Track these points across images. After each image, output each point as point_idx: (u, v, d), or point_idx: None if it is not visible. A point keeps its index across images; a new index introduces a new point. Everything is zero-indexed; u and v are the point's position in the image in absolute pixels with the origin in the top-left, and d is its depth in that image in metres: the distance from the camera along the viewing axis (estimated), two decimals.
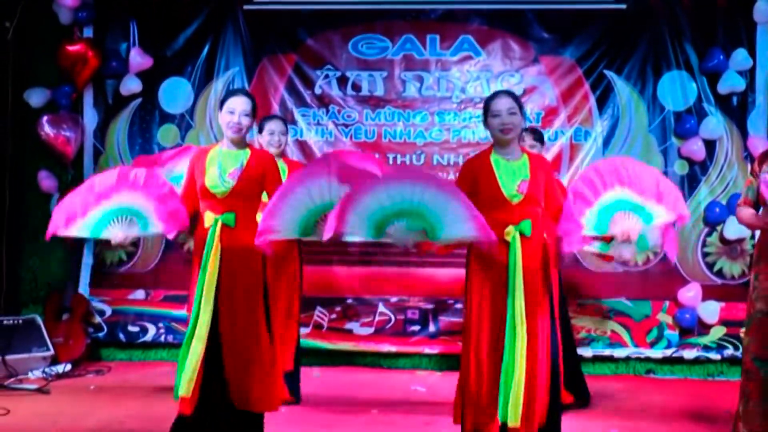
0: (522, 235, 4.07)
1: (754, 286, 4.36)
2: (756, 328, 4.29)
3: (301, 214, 4.06)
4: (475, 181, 4.14)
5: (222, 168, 4.40)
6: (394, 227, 3.89)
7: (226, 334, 4.33)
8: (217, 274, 4.32)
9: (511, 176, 4.12)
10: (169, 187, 4.44)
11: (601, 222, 4.25)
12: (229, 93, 4.55)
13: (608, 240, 4.29)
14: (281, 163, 5.84)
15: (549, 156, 6.83)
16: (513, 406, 3.95)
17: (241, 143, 4.49)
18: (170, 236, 4.66)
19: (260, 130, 5.89)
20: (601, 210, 4.25)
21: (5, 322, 6.67)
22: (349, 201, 3.86)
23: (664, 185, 4.32)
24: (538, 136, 5.53)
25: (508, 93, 4.28)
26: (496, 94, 4.27)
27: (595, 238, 4.34)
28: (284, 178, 5.79)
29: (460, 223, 3.84)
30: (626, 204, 4.25)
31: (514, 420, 3.95)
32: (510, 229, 4.06)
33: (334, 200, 3.99)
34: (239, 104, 4.43)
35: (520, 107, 4.22)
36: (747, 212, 4.45)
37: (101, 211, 4.29)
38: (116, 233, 4.29)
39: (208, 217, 4.38)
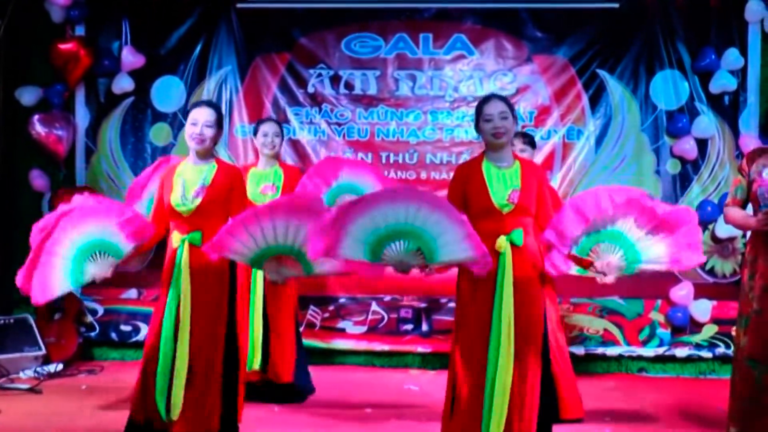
0: (513, 245, 4.04)
1: (749, 285, 4.33)
2: (752, 327, 4.28)
3: (258, 247, 4.01)
4: (466, 189, 4.11)
5: (186, 185, 4.34)
6: (391, 250, 3.83)
7: (182, 355, 4.28)
8: (188, 294, 4.29)
9: (503, 185, 4.08)
10: (131, 210, 4.37)
11: (587, 245, 4.00)
12: (193, 104, 4.51)
13: (586, 266, 4.14)
14: (276, 168, 5.84)
15: (542, 155, 6.84)
16: (496, 419, 3.94)
17: (206, 155, 4.43)
18: (144, 248, 4.48)
19: (255, 133, 5.89)
20: (591, 235, 3.99)
21: None
22: (343, 223, 3.78)
23: (669, 223, 4.01)
24: (528, 140, 5.50)
25: (500, 97, 4.24)
26: (487, 98, 4.23)
27: (572, 258, 4.21)
28: (278, 183, 5.80)
29: (455, 243, 3.78)
30: (619, 237, 4.00)
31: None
32: (501, 240, 4.02)
33: (293, 246, 3.98)
34: (202, 115, 4.39)
35: (512, 111, 4.19)
36: (738, 213, 4.43)
37: (69, 258, 4.14)
38: (98, 272, 4.18)
39: (175, 237, 4.35)
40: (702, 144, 6.86)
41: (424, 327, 7.00)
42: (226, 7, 7.18)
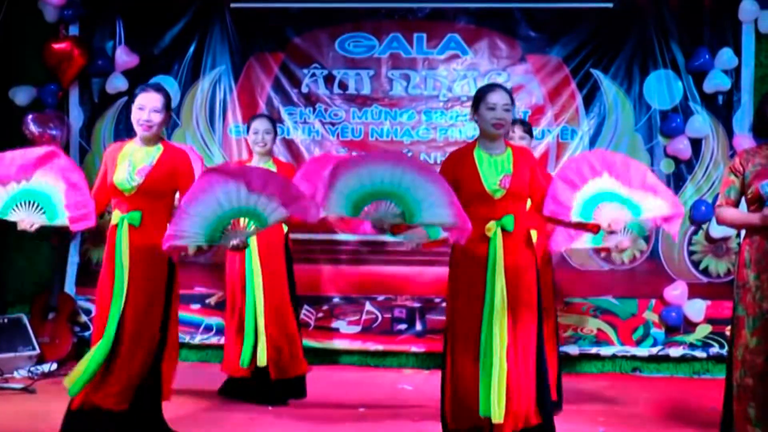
0: (504, 230, 4.06)
1: (756, 285, 4.24)
2: (764, 327, 4.20)
3: (207, 222, 3.98)
4: (457, 175, 4.11)
5: (132, 165, 4.31)
6: (372, 207, 3.90)
7: (126, 335, 4.30)
8: (127, 273, 4.28)
9: (494, 171, 4.10)
10: (79, 175, 4.33)
11: (586, 210, 4.09)
12: (140, 89, 4.41)
13: (595, 230, 4.20)
14: (270, 164, 5.80)
15: (535, 154, 6.82)
16: (496, 402, 3.93)
17: (153, 140, 4.39)
18: (73, 229, 4.45)
19: (248, 130, 5.87)
20: (587, 200, 4.09)
21: None
22: (331, 178, 3.85)
23: (652, 180, 4.19)
24: (527, 128, 5.49)
25: (505, 89, 4.26)
26: (493, 87, 4.24)
27: (578, 227, 4.27)
28: None
29: (437, 207, 3.84)
30: (613, 196, 4.09)
31: (497, 416, 3.93)
32: (491, 224, 4.05)
33: (242, 206, 3.96)
34: (149, 100, 4.33)
35: (513, 104, 4.22)
36: (735, 212, 4.39)
37: (12, 190, 4.23)
38: (22, 219, 4.22)
39: (115, 215, 4.33)
40: (696, 144, 6.86)
41: (418, 327, 7.00)
42: (220, 7, 7.18)
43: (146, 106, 4.33)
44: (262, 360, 5.50)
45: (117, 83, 7.15)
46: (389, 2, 7.16)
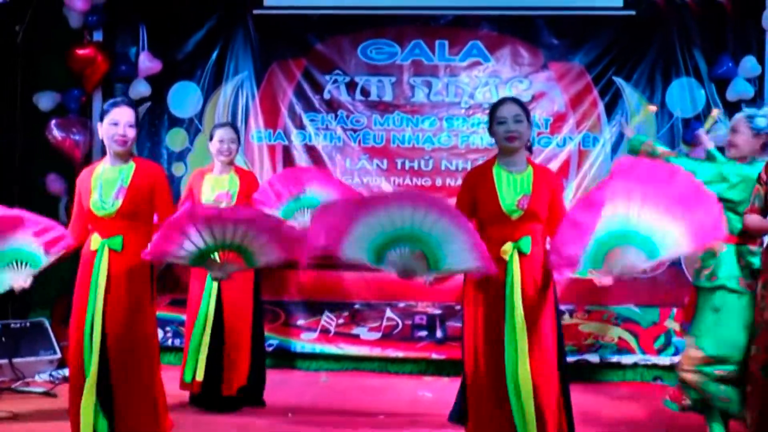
0: (520, 252, 3.99)
1: (761, 295, 4.30)
2: (766, 337, 4.24)
3: (197, 249, 3.94)
4: (476, 192, 4.07)
5: (103, 188, 4.22)
6: (395, 254, 3.72)
7: (115, 361, 4.19)
8: (104, 300, 4.16)
9: (513, 190, 4.03)
10: (43, 222, 4.25)
11: (596, 257, 3.71)
12: (111, 104, 4.33)
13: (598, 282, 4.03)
14: (232, 174, 5.72)
15: (557, 162, 6.84)
16: (528, 423, 3.89)
17: (125, 156, 4.29)
18: (52, 257, 4.32)
19: (211, 138, 5.80)
20: (599, 241, 3.66)
21: (13, 325, 6.70)
22: (347, 221, 3.71)
23: (691, 202, 3.61)
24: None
25: (515, 100, 4.20)
26: (502, 101, 4.19)
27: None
28: (234, 189, 5.66)
29: (462, 252, 3.70)
30: (628, 236, 3.63)
31: None
32: (507, 246, 3.98)
33: (235, 244, 3.94)
34: (123, 115, 4.23)
35: (527, 115, 4.13)
36: (757, 218, 4.40)
37: None
38: (16, 281, 4.18)
39: (95, 240, 4.21)
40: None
41: (439, 334, 6.98)
42: (243, 13, 7.21)
43: (120, 121, 4.23)
44: (190, 375, 5.49)
45: (140, 89, 7.18)
46: (412, 9, 7.16)
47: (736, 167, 4.75)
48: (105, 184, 4.24)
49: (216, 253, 4.02)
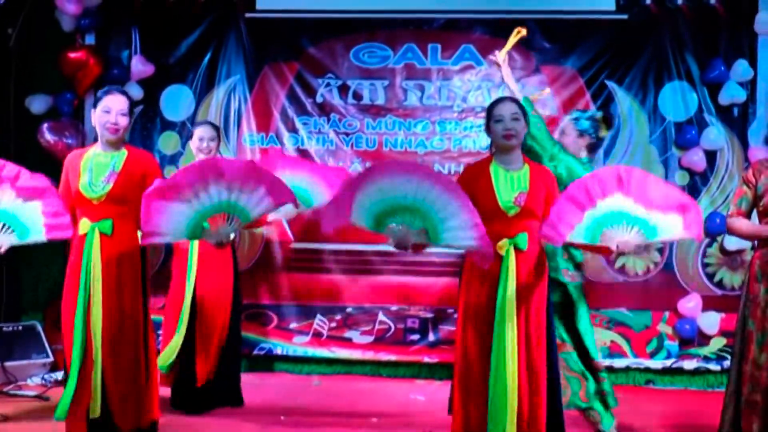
0: (517, 249, 4.03)
1: (765, 300, 4.23)
2: None
3: (187, 217, 3.93)
4: (473, 189, 4.06)
5: (95, 172, 4.23)
6: (397, 225, 3.81)
7: (106, 348, 4.20)
8: (98, 283, 4.17)
9: (510, 187, 4.07)
10: (59, 207, 4.17)
11: (595, 232, 3.88)
12: (105, 91, 4.35)
13: (606, 252, 4.06)
14: None
15: None
16: (509, 423, 3.91)
17: (117, 144, 4.30)
18: (47, 238, 4.19)
19: (190, 136, 5.80)
20: (595, 221, 3.87)
21: (5, 328, 6.68)
22: (354, 187, 3.77)
23: (674, 196, 3.95)
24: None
25: (512, 99, 4.26)
26: (499, 100, 4.24)
27: (588, 249, 4.14)
28: None
29: (461, 230, 3.76)
30: (625, 216, 3.86)
31: None
32: (503, 242, 4.01)
33: (223, 202, 3.92)
34: (115, 103, 4.26)
35: (524, 114, 4.18)
36: (747, 223, 4.39)
37: None
38: None
39: (84, 224, 4.21)
40: (711, 156, 6.84)
41: (431, 337, 6.98)
42: (235, 17, 7.20)
43: (113, 109, 4.26)
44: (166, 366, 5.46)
45: (132, 92, 7.15)
46: (404, 13, 7.16)
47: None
48: (96, 167, 4.25)
49: (206, 221, 4.00)
